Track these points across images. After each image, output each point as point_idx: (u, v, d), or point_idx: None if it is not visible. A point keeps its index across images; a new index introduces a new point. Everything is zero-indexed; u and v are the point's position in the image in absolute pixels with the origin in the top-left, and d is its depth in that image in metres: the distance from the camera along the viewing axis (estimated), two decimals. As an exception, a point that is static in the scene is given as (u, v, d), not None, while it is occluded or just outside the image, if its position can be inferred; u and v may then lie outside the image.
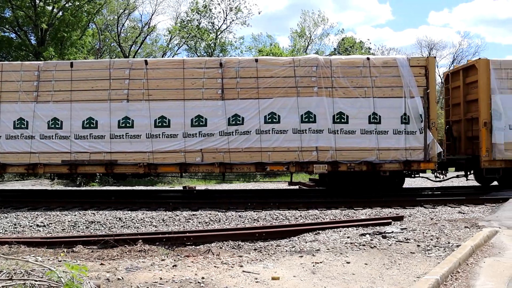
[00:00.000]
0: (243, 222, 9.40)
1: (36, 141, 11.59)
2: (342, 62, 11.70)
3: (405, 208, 10.70)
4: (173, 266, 5.65)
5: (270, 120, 11.44)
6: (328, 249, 6.52)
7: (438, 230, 7.50)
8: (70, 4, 25.83)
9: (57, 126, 11.61)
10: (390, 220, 8.65)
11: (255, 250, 7.03)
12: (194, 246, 7.56)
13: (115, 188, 17.28)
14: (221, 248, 7.37)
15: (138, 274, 5.25)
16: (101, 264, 5.93)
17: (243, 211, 10.34)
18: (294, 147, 11.41)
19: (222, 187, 17.42)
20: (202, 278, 5.01)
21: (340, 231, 7.82)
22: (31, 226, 9.17)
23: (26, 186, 18.58)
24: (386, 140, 11.46)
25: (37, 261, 5.64)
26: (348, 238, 7.25)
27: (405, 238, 6.98)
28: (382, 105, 11.50)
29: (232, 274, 5.22)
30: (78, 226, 9.16)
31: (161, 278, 5.00)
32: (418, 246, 6.49)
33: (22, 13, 25.09)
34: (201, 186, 17.67)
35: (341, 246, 6.68)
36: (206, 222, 9.40)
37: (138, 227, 9.13)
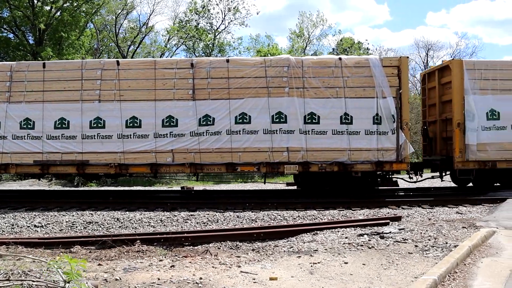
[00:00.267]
0: (241, 223, 9.39)
1: (8, 141, 11.59)
2: (313, 62, 11.68)
3: (403, 208, 10.72)
4: (171, 267, 5.65)
5: (241, 120, 11.44)
6: (326, 249, 6.52)
7: (436, 231, 7.52)
8: (68, 4, 25.80)
9: (29, 126, 11.62)
10: (388, 220, 8.65)
11: (253, 250, 7.03)
12: (192, 247, 7.56)
13: (113, 188, 17.25)
14: (219, 248, 7.37)
15: (136, 274, 5.25)
16: (99, 264, 5.92)
17: (241, 212, 10.34)
18: (265, 148, 11.40)
19: (220, 188, 17.42)
20: (200, 278, 5.01)
21: (338, 232, 7.82)
22: (29, 226, 9.15)
23: (24, 186, 18.54)
24: (358, 140, 11.43)
25: (34, 261, 5.62)
26: (346, 238, 7.26)
27: (403, 239, 6.99)
28: (354, 105, 11.47)
29: (230, 274, 5.22)
30: (76, 227, 9.14)
31: (159, 279, 5.00)
32: (416, 246, 6.50)
33: (20, 13, 25.05)
34: (199, 186, 17.66)
35: (339, 246, 6.68)
36: (204, 223, 9.40)
37: (136, 228, 9.12)
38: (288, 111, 11.44)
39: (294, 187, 15.86)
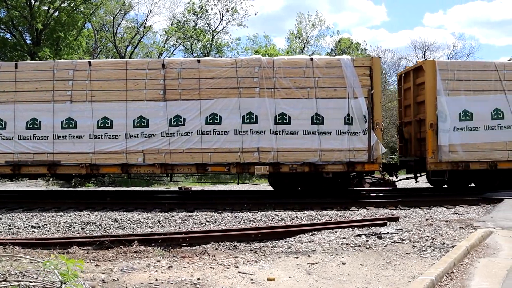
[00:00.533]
0: (239, 223, 9.39)
1: None
2: (284, 62, 11.68)
3: (400, 208, 10.73)
4: (168, 267, 5.64)
5: (211, 121, 11.44)
6: (323, 250, 6.53)
7: (433, 231, 7.53)
8: (66, 4, 25.75)
9: (0, 127, 11.65)
10: (386, 220, 8.67)
11: (251, 251, 7.03)
12: (189, 247, 7.55)
13: (111, 189, 17.23)
14: (217, 249, 7.37)
15: (133, 275, 5.24)
16: (96, 265, 5.91)
17: (239, 212, 10.33)
18: (235, 148, 11.41)
19: (218, 188, 17.42)
20: (198, 279, 5.00)
21: (335, 232, 7.83)
22: (26, 227, 9.12)
23: (21, 187, 18.49)
24: (329, 141, 11.41)
25: (31, 262, 5.61)
26: (343, 239, 7.27)
27: (400, 239, 7.01)
28: (325, 105, 11.46)
29: (227, 275, 5.22)
30: (73, 227, 9.11)
31: (156, 279, 4.99)
32: (414, 246, 6.51)
33: (17, 13, 24.99)
34: (197, 187, 17.65)
35: (336, 247, 6.69)
36: (202, 223, 9.39)
37: (133, 228, 9.10)
38: (258, 112, 11.44)
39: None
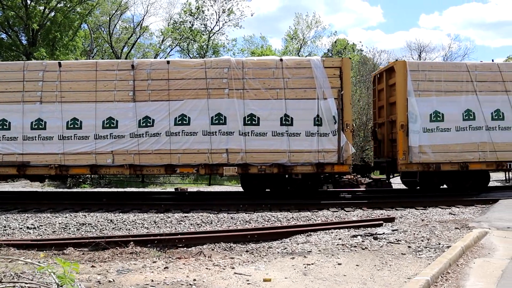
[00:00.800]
0: (235, 224, 9.39)
1: None
2: (254, 63, 11.71)
3: (396, 209, 10.76)
4: (164, 268, 5.63)
5: (180, 122, 11.47)
6: (319, 250, 6.54)
7: (429, 231, 7.56)
8: (62, 5, 25.67)
9: None
10: (381, 221, 8.69)
11: (247, 252, 7.03)
12: (185, 248, 7.54)
13: (107, 190, 17.18)
14: (213, 250, 7.36)
15: (129, 276, 5.23)
16: (92, 266, 5.89)
17: (235, 213, 10.33)
18: (204, 149, 11.43)
19: (214, 189, 17.39)
20: (194, 280, 5.00)
21: (331, 233, 7.84)
22: (21, 228, 9.08)
23: (16, 187, 18.41)
24: (298, 142, 11.42)
25: (26, 263, 5.58)
26: (339, 239, 7.28)
27: (396, 240, 7.02)
28: (294, 106, 11.47)
29: (223, 276, 5.22)
30: (69, 228, 9.09)
31: (152, 280, 4.98)
32: (409, 247, 6.53)
33: (13, 13, 24.89)
34: (193, 188, 17.63)
35: (332, 247, 6.70)
36: (198, 224, 9.38)
37: (129, 229, 9.08)
38: (227, 113, 11.46)
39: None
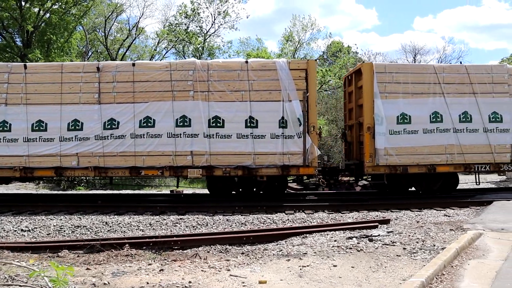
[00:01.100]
0: (231, 226, 9.38)
1: None
2: (219, 65, 11.73)
3: (391, 211, 10.79)
4: (160, 271, 5.62)
5: (145, 124, 11.47)
6: (315, 252, 6.54)
7: (424, 233, 7.59)
8: (57, 6, 25.57)
9: None
10: (377, 223, 8.71)
11: (243, 254, 7.02)
12: (181, 250, 7.52)
13: (102, 192, 17.11)
14: (208, 252, 7.35)
15: (124, 278, 5.21)
16: (87, 269, 5.86)
17: (231, 215, 10.32)
18: (168, 151, 11.42)
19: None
20: (189, 282, 4.99)
21: (327, 235, 7.85)
22: (15, 230, 9.02)
23: (11, 190, 18.28)
24: (263, 144, 11.41)
25: (20, 266, 5.55)
26: (335, 241, 7.29)
27: (391, 241, 7.05)
28: (259, 108, 11.47)
29: (219, 278, 5.21)
30: (64, 231, 9.04)
31: (147, 283, 4.97)
32: (404, 249, 6.55)
33: (7, 14, 24.76)
34: (188, 190, 17.59)
35: (328, 249, 6.71)
36: (193, 226, 9.37)
37: (124, 232, 9.05)
38: (192, 115, 11.46)
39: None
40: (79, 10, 26.84)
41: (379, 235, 7.50)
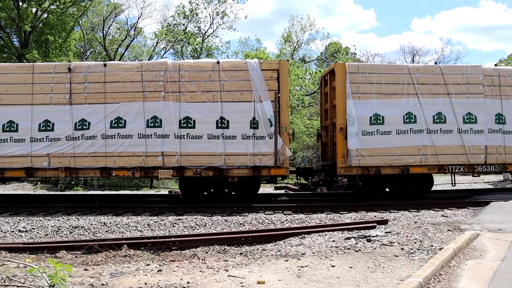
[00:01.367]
0: (229, 227, 9.38)
1: None
2: (190, 66, 11.73)
3: (390, 211, 10.81)
4: (158, 271, 5.62)
5: (116, 125, 11.49)
6: (313, 253, 6.55)
7: (422, 234, 7.60)
8: (55, 6, 25.54)
9: None
10: (375, 223, 8.73)
11: (241, 254, 7.02)
12: (179, 251, 7.52)
13: (100, 192, 17.09)
14: (207, 252, 7.35)
15: (122, 279, 5.21)
16: (85, 269, 5.86)
17: (229, 216, 10.33)
18: (139, 152, 11.45)
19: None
20: (188, 282, 4.99)
21: (325, 235, 7.86)
22: (13, 231, 9.00)
23: (8, 190, 18.25)
24: (234, 145, 11.42)
25: (18, 267, 5.54)
26: (333, 242, 7.30)
27: (389, 242, 7.06)
28: (230, 109, 11.47)
29: (217, 278, 5.21)
30: (62, 231, 9.03)
31: (146, 283, 4.96)
32: (402, 249, 6.56)
33: (4, 14, 24.72)
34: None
35: (326, 250, 6.72)
36: (192, 227, 9.37)
37: (123, 232, 9.04)
38: (163, 116, 11.48)
39: (282, 191, 15.95)
40: (78, 9, 26.81)
41: (377, 236, 7.51)
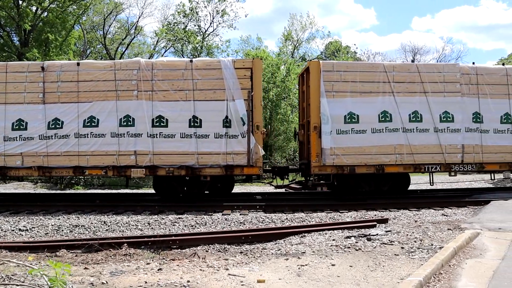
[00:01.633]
0: (229, 225, 9.38)
1: None
2: (163, 65, 11.70)
3: (390, 210, 10.81)
4: (158, 270, 5.62)
5: (89, 123, 11.48)
6: (313, 251, 6.55)
7: (422, 232, 7.60)
8: (55, 5, 25.52)
9: None
10: (375, 222, 8.72)
11: (241, 253, 7.03)
12: (180, 250, 7.52)
13: (100, 191, 17.10)
14: (207, 251, 7.36)
15: (122, 278, 5.21)
16: (85, 268, 5.86)
17: (229, 214, 10.33)
18: (112, 151, 11.43)
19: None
20: (188, 281, 4.99)
21: (325, 234, 7.87)
22: (13, 230, 9.01)
23: (8, 189, 18.26)
24: (207, 144, 11.40)
25: (18, 266, 5.55)
26: (333, 240, 7.30)
27: (389, 241, 7.06)
28: (203, 108, 11.45)
29: (217, 277, 5.21)
30: (62, 230, 9.03)
31: (146, 282, 4.97)
32: (402, 248, 6.56)
33: (4, 13, 24.71)
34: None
35: (326, 248, 6.72)
36: (192, 225, 9.37)
37: (123, 231, 9.04)
38: (136, 115, 11.47)
39: (283, 190, 15.95)
40: (78, 8, 26.79)
41: (377, 235, 7.51)
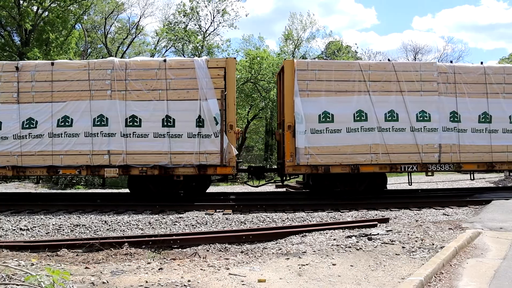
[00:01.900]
0: (230, 225, 9.38)
1: None
2: (137, 64, 11.69)
3: (391, 210, 10.80)
4: (159, 269, 5.62)
5: (62, 123, 11.49)
6: (314, 251, 6.55)
7: (423, 232, 7.59)
8: (56, 4, 25.54)
9: None
10: (376, 222, 8.72)
11: (242, 252, 7.03)
12: (180, 249, 7.53)
13: (101, 191, 17.11)
14: (207, 251, 7.36)
15: (123, 277, 5.21)
16: (86, 267, 5.87)
17: (230, 214, 10.33)
18: (86, 151, 11.45)
19: (208, 190, 17.34)
20: (188, 281, 4.99)
21: (326, 233, 7.86)
22: (14, 229, 9.02)
23: (9, 189, 18.28)
24: (180, 143, 11.39)
25: (19, 265, 5.55)
26: (334, 240, 7.30)
27: (390, 240, 7.05)
28: (176, 108, 11.45)
29: (218, 277, 5.21)
30: (63, 230, 9.04)
31: (146, 282, 4.97)
32: (403, 247, 6.56)
33: (5, 13, 24.73)
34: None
35: (327, 248, 6.71)
36: (192, 225, 9.37)
37: (124, 230, 9.05)
38: (109, 114, 11.47)
39: (283, 189, 15.94)
40: (80, 7, 26.80)
41: (378, 234, 7.51)
